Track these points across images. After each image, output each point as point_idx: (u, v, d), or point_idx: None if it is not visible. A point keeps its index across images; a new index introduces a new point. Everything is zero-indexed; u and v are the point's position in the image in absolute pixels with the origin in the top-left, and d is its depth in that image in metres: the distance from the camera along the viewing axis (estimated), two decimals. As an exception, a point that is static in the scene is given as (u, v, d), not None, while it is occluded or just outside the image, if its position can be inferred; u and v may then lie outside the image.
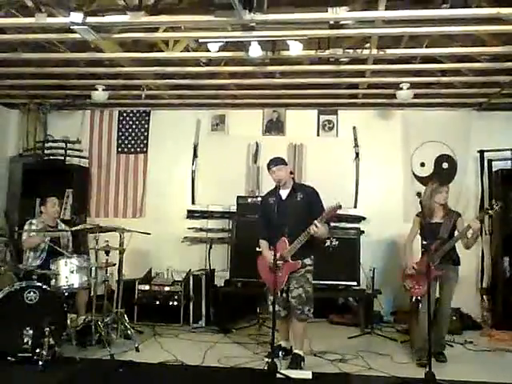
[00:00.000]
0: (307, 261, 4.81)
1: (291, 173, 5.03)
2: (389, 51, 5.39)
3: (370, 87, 6.79)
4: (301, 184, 5.51)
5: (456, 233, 5.09)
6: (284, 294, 4.82)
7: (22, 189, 7.38)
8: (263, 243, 4.99)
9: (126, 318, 5.60)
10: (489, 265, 6.98)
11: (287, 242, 4.73)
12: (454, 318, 6.17)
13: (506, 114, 7.18)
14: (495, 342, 5.81)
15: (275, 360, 4.38)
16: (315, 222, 4.57)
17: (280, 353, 4.96)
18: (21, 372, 4.37)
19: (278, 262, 4.57)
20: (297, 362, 4.68)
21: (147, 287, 6.51)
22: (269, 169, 4.92)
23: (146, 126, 7.98)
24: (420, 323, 4.97)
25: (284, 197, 4.85)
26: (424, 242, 5.10)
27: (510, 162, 6.88)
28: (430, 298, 4.60)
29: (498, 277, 6.73)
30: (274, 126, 7.76)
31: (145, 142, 7.95)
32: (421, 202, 4.77)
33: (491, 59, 5.67)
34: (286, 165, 5.00)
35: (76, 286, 5.10)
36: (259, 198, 5.81)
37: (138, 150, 7.94)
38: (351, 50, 5.40)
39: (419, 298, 5.10)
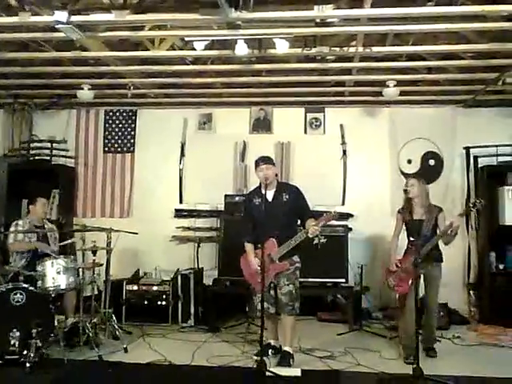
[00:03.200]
0: (296, 258, 4.82)
1: (276, 174, 5.02)
2: (375, 49, 5.42)
3: (356, 85, 6.81)
4: (285, 183, 5.52)
5: (438, 229, 5.09)
6: (272, 291, 4.82)
7: (7, 189, 7.30)
8: (248, 247, 4.97)
9: (114, 319, 5.58)
10: (475, 260, 7.04)
11: (275, 242, 4.73)
12: (442, 313, 6.22)
13: (491, 111, 7.24)
14: (482, 336, 5.86)
15: (264, 358, 4.39)
16: (312, 225, 4.57)
17: (269, 351, 4.97)
18: (8, 374, 4.34)
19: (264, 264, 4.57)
20: (286, 360, 4.69)
21: (135, 287, 6.48)
22: (257, 166, 4.87)
23: (133, 125, 7.94)
24: (405, 321, 5.00)
25: (270, 198, 4.82)
26: (411, 239, 5.09)
27: (495, 158, 6.94)
28: (415, 296, 4.59)
29: (484, 272, 6.78)
30: (262, 124, 7.76)
31: (132, 141, 7.91)
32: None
33: (476, 56, 5.72)
34: (275, 165, 4.99)
35: (63, 286, 5.05)
36: (246, 197, 5.80)
37: (125, 149, 7.90)
38: (337, 48, 5.43)
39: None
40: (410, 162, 7.39)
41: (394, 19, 4.66)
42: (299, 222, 4.89)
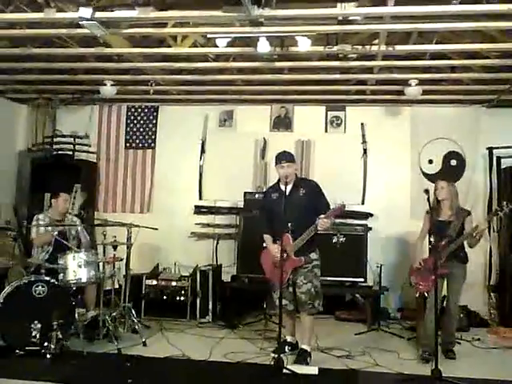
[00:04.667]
0: (313, 255, 4.82)
1: (295, 169, 5.02)
2: (397, 47, 5.37)
3: (378, 84, 6.76)
4: (303, 179, 5.51)
5: (464, 231, 5.08)
6: (290, 288, 4.82)
7: (30, 183, 7.44)
8: (267, 237, 4.99)
9: (134, 313, 5.63)
10: (496, 262, 6.94)
11: (290, 238, 4.71)
12: (462, 315, 6.16)
13: (516, 111, 7.14)
14: (502, 339, 5.80)
15: (282, 355, 4.39)
16: (322, 218, 4.56)
17: (286, 347, 4.97)
18: (28, 365, 4.40)
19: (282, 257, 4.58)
20: (304, 358, 4.69)
21: (154, 282, 6.53)
22: (279, 163, 4.87)
23: (154, 121, 8.00)
24: (426, 320, 4.97)
25: (287, 192, 4.83)
26: (431, 240, 5.10)
27: (518, 159, 6.84)
28: (437, 295, 4.56)
29: (505, 274, 6.69)
30: (282, 122, 7.75)
31: (153, 137, 7.97)
32: (428, 199, 4.76)
33: (501, 56, 5.63)
34: (295, 162, 4.99)
35: (84, 280, 5.12)
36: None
37: (146, 145, 7.96)
38: (360, 46, 5.39)
39: (425, 294, 5.10)
40: (431, 162, 7.32)
41: (418, 17, 4.62)
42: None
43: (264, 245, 5.08)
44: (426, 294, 5.10)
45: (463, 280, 5.08)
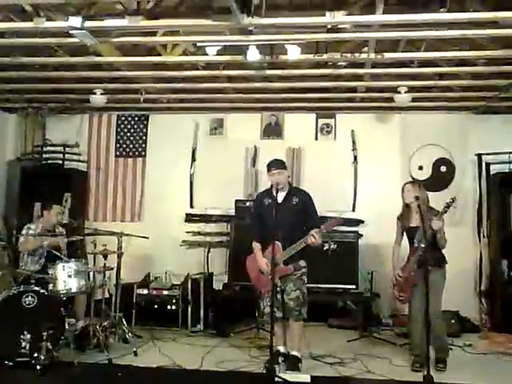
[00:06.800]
0: (302, 263, 4.81)
1: (288, 176, 5.02)
2: (386, 55, 5.40)
3: (367, 91, 6.79)
4: (297, 188, 5.51)
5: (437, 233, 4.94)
6: (278, 296, 4.79)
7: (20, 193, 7.38)
8: (257, 246, 4.97)
9: (125, 322, 5.61)
10: (487, 267, 6.97)
11: (280, 246, 4.70)
12: (453, 320, 6.19)
13: (504, 117, 7.20)
14: (494, 344, 5.81)
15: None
16: (314, 232, 4.56)
17: (279, 359, 4.91)
18: (19, 376, 4.38)
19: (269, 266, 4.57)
20: (294, 364, 4.68)
21: (145, 291, 6.50)
22: (269, 170, 4.88)
23: (145, 129, 7.99)
24: (409, 330, 4.94)
25: (280, 200, 4.83)
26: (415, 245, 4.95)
27: (507, 165, 6.89)
28: (427, 303, 4.43)
29: (496, 279, 6.73)
30: (273, 130, 7.77)
31: (143, 145, 7.96)
32: (419, 206, 4.75)
33: (489, 63, 5.68)
34: (286, 169, 5.01)
35: (74, 290, 5.09)
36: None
37: (137, 153, 7.95)
38: (349, 54, 5.41)
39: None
40: (421, 168, 7.35)
41: (406, 25, 4.65)
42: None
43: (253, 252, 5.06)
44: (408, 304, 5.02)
45: (442, 282, 4.85)
